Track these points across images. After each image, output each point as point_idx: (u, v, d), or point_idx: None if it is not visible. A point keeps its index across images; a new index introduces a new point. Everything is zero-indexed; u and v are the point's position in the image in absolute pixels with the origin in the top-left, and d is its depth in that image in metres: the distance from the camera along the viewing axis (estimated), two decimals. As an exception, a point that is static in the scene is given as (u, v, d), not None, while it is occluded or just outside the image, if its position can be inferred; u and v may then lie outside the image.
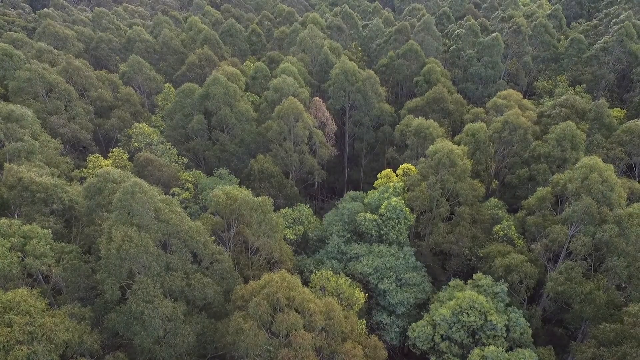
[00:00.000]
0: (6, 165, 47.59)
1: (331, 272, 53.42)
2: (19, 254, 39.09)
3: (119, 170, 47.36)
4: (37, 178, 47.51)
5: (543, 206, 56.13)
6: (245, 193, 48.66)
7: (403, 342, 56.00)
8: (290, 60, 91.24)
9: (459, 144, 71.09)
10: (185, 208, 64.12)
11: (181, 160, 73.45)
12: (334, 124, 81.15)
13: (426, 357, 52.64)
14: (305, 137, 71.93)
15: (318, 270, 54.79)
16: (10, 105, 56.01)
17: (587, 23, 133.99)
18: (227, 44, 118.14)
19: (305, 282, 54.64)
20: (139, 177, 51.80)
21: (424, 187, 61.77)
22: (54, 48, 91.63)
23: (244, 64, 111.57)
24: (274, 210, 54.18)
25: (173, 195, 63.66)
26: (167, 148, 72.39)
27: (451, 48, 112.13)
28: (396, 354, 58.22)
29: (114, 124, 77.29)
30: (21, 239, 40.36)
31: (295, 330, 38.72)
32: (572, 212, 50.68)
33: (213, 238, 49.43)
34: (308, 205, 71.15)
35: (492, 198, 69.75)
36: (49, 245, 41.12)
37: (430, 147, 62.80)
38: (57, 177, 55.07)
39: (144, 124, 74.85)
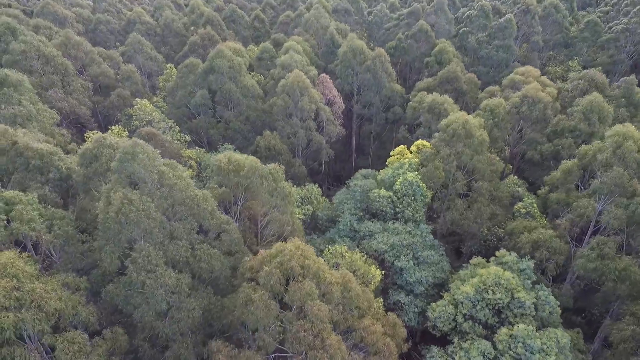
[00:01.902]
0: (0, 125, 44.12)
1: (345, 247, 49.95)
2: (3, 216, 35.56)
3: (116, 137, 43.86)
4: (34, 144, 44.07)
5: (569, 180, 52.60)
6: (252, 159, 45.15)
7: (422, 323, 52.46)
8: (295, 40, 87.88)
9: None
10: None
11: (183, 138, 70.04)
12: (342, 102, 77.69)
13: (447, 338, 49.09)
14: (312, 112, 68.52)
15: (330, 247, 51.28)
16: (6, 70, 52.58)
17: (598, 9, 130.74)
18: (229, 29, 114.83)
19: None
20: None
21: (438, 162, 58.33)
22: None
23: (247, 48, 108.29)
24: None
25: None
26: (169, 125, 68.97)
27: (461, 31, 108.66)
28: (414, 337, 54.61)
29: (113, 101, 73.90)
30: (3, 205, 36.70)
31: (311, 301, 35.21)
32: (601, 184, 47.20)
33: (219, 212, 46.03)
34: (317, 185, 67.75)
35: (511, 175, 66.27)
36: (37, 212, 37.59)
37: (444, 120, 59.35)
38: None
39: (146, 100, 71.45)
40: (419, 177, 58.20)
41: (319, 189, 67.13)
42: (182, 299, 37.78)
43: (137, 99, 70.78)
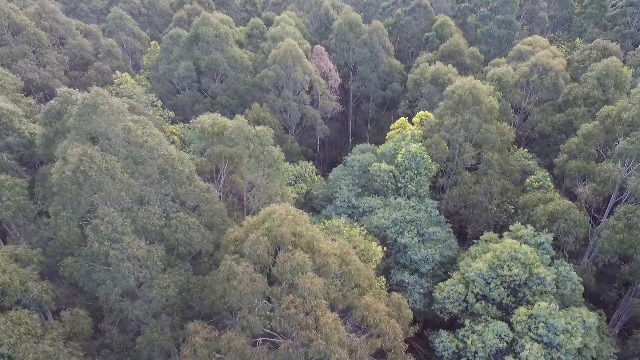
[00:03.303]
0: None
1: (343, 221, 44.85)
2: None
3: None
4: (-12, 103, 38.84)
5: (589, 145, 47.66)
6: (239, 117, 40.04)
7: (428, 306, 47.44)
8: (287, 14, 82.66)
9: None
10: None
11: (167, 113, 64.74)
12: (338, 76, 72.57)
13: (458, 321, 44.08)
14: (306, 84, 63.38)
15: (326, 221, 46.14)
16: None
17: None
18: (218, 11, 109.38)
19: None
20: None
21: (443, 132, 53.30)
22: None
23: (238, 29, 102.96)
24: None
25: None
26: (151, 99, 63.64)
27: (462, 6, 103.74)
28: (419, 320, 49.46)
29: (91, 76, 68.49)
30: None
31: (303, 274, 30.09)
32: (628, 144, 42.28)
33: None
34: (311, 163, 62.65)
35: (521, 149, 61.32)
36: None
37: (449, 87, 54.30)
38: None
39: (127, 74, 66.08)
40: (423, 148, 53.18)
41: (314, 167, 62.07)
42: (154, 274, 32.59)
43: (117, 71, 65.38)
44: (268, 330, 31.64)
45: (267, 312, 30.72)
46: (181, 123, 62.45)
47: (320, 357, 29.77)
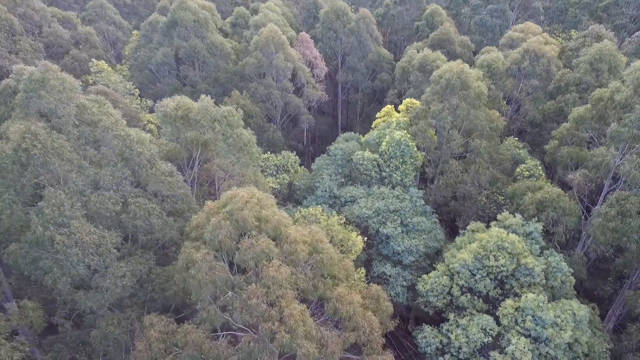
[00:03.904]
0: None
1: (321, 209, 42.45)
2: None
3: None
4: None
5: (581, 129, 45.34)
6: (204, 97, 37.63)
7: (412, 300, 45.05)
8: (273, 2, 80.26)
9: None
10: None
11: (145, 102, 62.29)
12: (324, 65, 70.20)
13: (442, 316, 41.69)
14: (289, 71, 60.99)
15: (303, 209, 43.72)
16: None
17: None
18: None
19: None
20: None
21: (430, 119, 50.93)
22: None
23: (225, 20, 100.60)
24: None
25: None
26: (128, 87, 61.15)
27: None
28: (410, 317, 47.09)
29: (67, 64, 65.89)
30: None
31: (268, 261, 27.67)
32: (621, 127, 39.91)
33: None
34: (295, 153, 60.26)
35: (511, 137, 59.01)
36: None
37: (436, 71, 51.94)
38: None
39: (103, 61, 63.63)
40: (408, 136, 50.80)
41: (297, 157, 59.70)
42: (109, 262, 30.12)
43: (93, 59, 62.90)
44: (234, 324, 29.25)
45: (229, 300, 28.27)
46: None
47: (285, 351, 27.37)
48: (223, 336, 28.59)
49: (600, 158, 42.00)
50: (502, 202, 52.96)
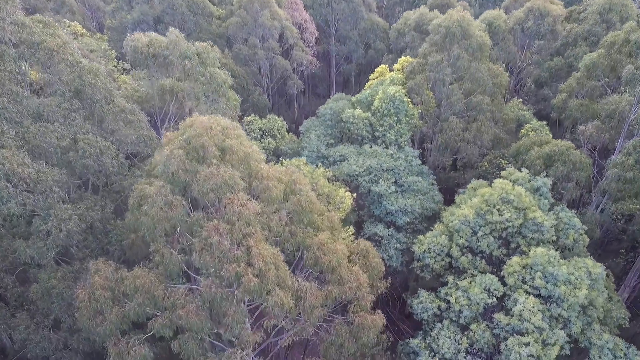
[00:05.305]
0: None
1: (304, 160, 38.24)
2: None
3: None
4: None
5: (593, 77, 41.09)
6: (172, 30, 33.40)
7: (407, 265, 40.81)
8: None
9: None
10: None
11: (121, 65, 58.00)
12: (314, 28, 66.01)
13: (441, 279, 37.36)
14: (275, 31, 56.81)
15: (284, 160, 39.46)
16: None
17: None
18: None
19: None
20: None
21: (428, 72, 46.79)
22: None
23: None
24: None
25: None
26: (104, 48, 56.89)
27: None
28: (396, 281, 42.68)
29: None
30: None
31: (231, 194, 23.40)
32: (637, 68, 35.74)
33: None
34: (282, 118, 56.01)
35: (515, 99, 54.80)
36: None
37: (435, 20, 47.82)
38: None
39: (77, 23, 59.38)
40: (403, 91, 46.61)
41: (284, 122, 55.45)
42: (50, 203, 25.86)
43: (65, 20, 58.66)
44: (194, 274, 25.02)
45: (188, 243, 24.03)
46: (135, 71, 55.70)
47: (254, 300, 23.13)
48: (181, 283, 24.34)
49: (614, 105, 37.83)
50: (506, 165, 48.76)
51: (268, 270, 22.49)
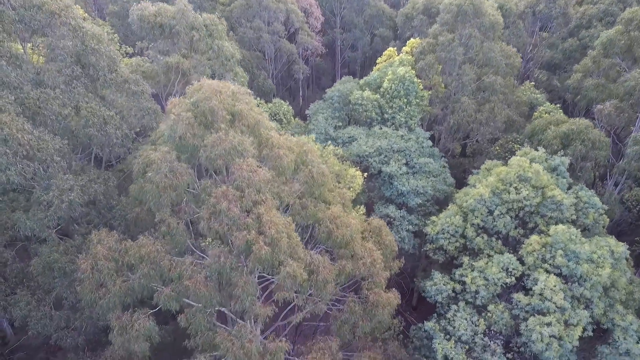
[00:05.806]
0: None
1: (313, 137, 37.04)
2: None
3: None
4: None
5: (610, 55, 39.80)
6: (183, 1, 32.19)
7: (419, 248, 39.56)
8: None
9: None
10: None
11: (124, 49, 56.87)
12: (320, 12, 64.81)
13: (455, 262, 36.08)
14: (281, 14, 55.65)
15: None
16: None
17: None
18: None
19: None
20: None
21: (439, 52, 45.52)
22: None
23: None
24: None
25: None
26: (106, 31, 55.73)
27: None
28: (405, 269, 41.26)
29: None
30: None
31: (240, 160, 22.19)
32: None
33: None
34: (287, 103, 54.79)
35: (527, 82, 53.52)
36: None
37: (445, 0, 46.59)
38: None
39: (78, 6, 58.19)
40: (413, 72, 45.37)
41: (290, 107, 54.22)
42: (51, 173, 24.69)
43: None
44: (200, 246, 23.81)
45: (194, 212, 22.85)
46: (137, 57, 54.56)
47: (265, 270, 21.90)
48: (189, 253, 23.14)
49: (634, 82, 36.51)
50: (517, 148, 47.45)
51: (280, 239, 21.27)
